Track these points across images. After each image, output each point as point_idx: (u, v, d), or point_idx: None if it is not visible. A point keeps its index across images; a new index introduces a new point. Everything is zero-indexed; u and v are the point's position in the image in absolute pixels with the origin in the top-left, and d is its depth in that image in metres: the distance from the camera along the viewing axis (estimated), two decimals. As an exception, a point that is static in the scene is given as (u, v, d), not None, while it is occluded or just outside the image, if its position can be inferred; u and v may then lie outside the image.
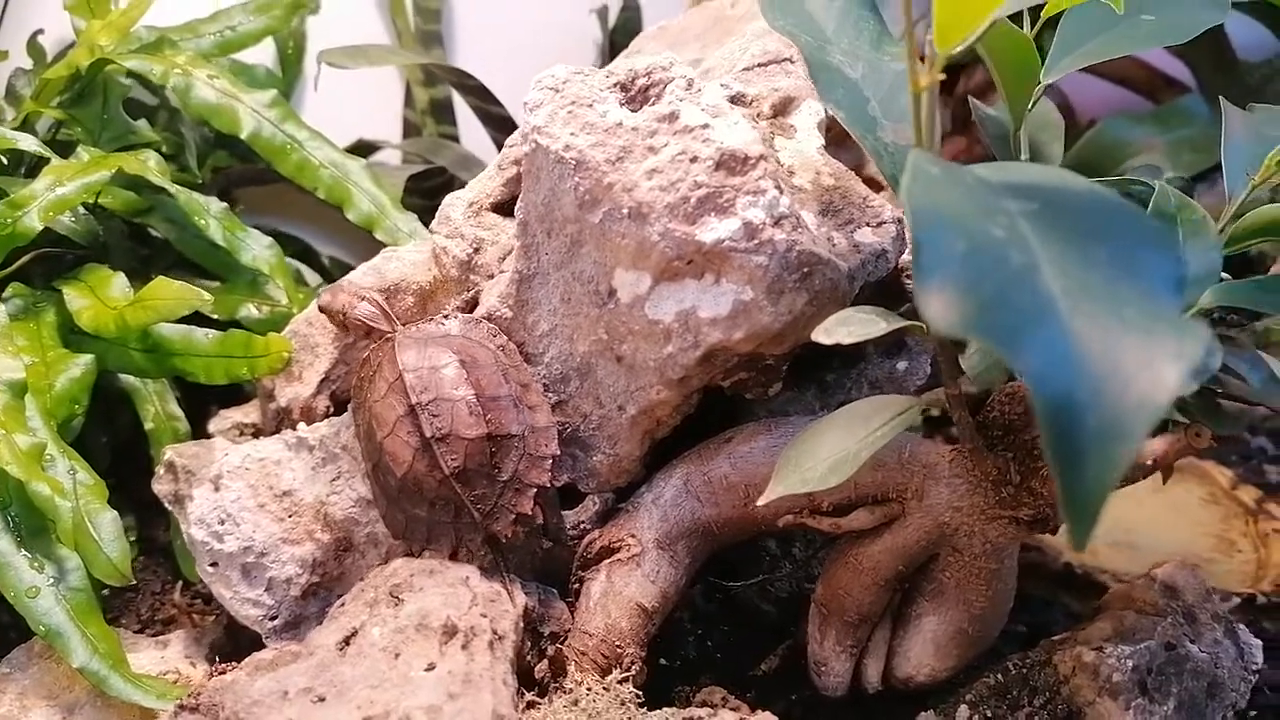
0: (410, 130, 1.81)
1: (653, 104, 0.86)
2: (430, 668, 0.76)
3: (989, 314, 0.44)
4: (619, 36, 1.88)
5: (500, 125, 1.64)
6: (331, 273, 1.59)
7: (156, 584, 1.20)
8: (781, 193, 0.82)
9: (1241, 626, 0.96)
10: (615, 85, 0.88)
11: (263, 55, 1.63)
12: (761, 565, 1.06)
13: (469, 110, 1.71)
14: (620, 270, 0.86)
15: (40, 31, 1.44)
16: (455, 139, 1.78)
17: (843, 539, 0.92)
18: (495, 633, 0.80)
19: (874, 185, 1.01)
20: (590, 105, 0.86)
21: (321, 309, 0.98)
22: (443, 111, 1.78)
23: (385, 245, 1.29)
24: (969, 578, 0.89)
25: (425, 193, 1.63)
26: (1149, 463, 0.78)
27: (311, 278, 1.60)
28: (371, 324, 0.95)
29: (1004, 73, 0.89)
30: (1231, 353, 0.69)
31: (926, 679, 0.93)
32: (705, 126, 0.83)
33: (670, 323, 0.86)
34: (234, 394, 1.28)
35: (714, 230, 0.82)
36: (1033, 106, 0.95)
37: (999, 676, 0.91)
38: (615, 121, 0.85)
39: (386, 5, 1.76)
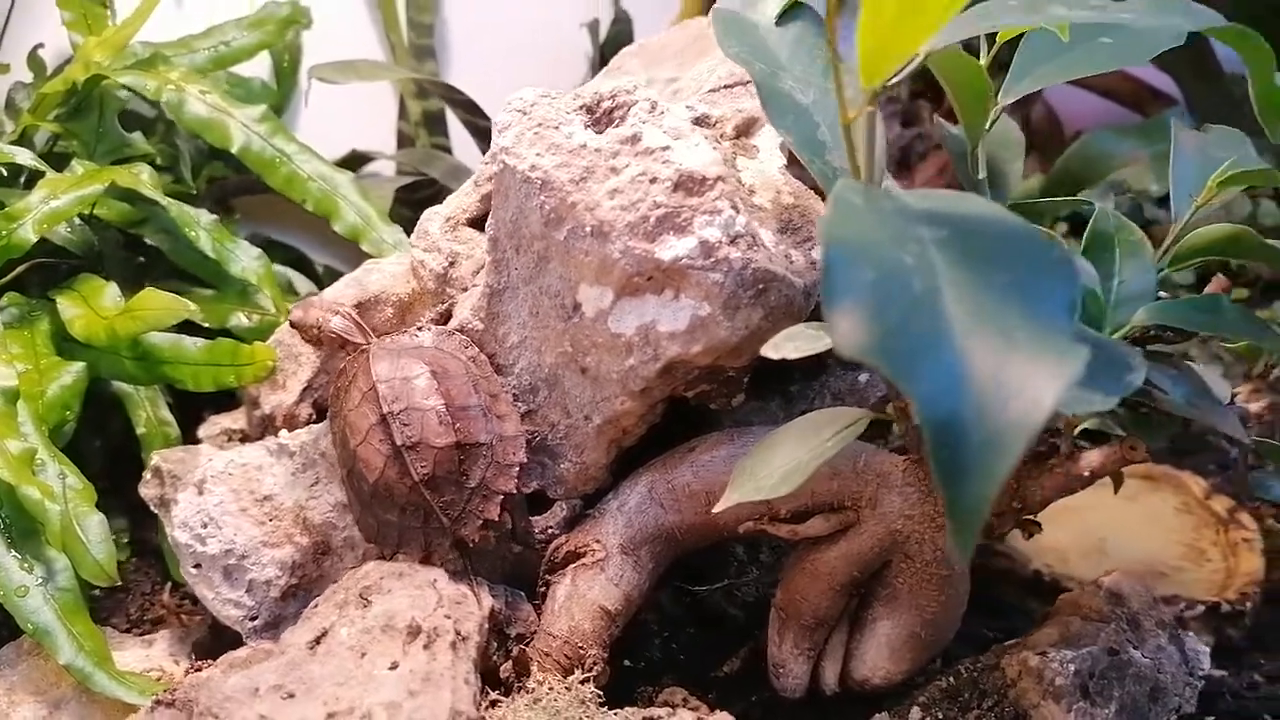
0: (404, 141, 1.85)
1: (616, 126, 0.90)
2: (393, 666, 0.79)
3: (890, 339, 0.47)
4: (609, 50, 1.92)
5: (489, 138, 1.68)
6: (325, 281, 1.62)
7: (147, 585, 1.23)
8: (738, 212, 0.86)
9: (1190, 634, 0.99)
10: (581, 108, 0.91)
11: (259, 68, 1.67)
12: (729, 570, 1.10)
13: (461, 122, 1.75)
14: (584, 285, 0.90)
15: (40, 46, 1.48)
16: (447, 150, 1.82)
17: (801, 545, 0.96)
18: (459, 633, 0.83)
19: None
20: (556, 127, 0.89)
21: (293, 324, 1.02)
22: (435, 123, 1.82)
23: (376, 254, 1.33)
24: (921, 583, 0.92)
25: (416, 204, 1.66)
26: (1086, 474, 0.81)
27: (306, 285, 1.63)
28: (346, 336, 0.99)
29: (958, 96, 0.92)
30: (1157, 369, 0.72)
31: (882, 681, 0.96)
32: (665, 148, 0.87)
33: (631, 336, 0.90)
34: (228, 399, 1.32)
35: (672, 248, 0.85)
36: (991, 126, 0.98)
37: (951, 679, 0.94)
38: (580, 143, 0.88)
39: (380, 19, 1.80)
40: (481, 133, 1.70)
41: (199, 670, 0.86)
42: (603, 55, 1.94)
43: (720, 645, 1.06)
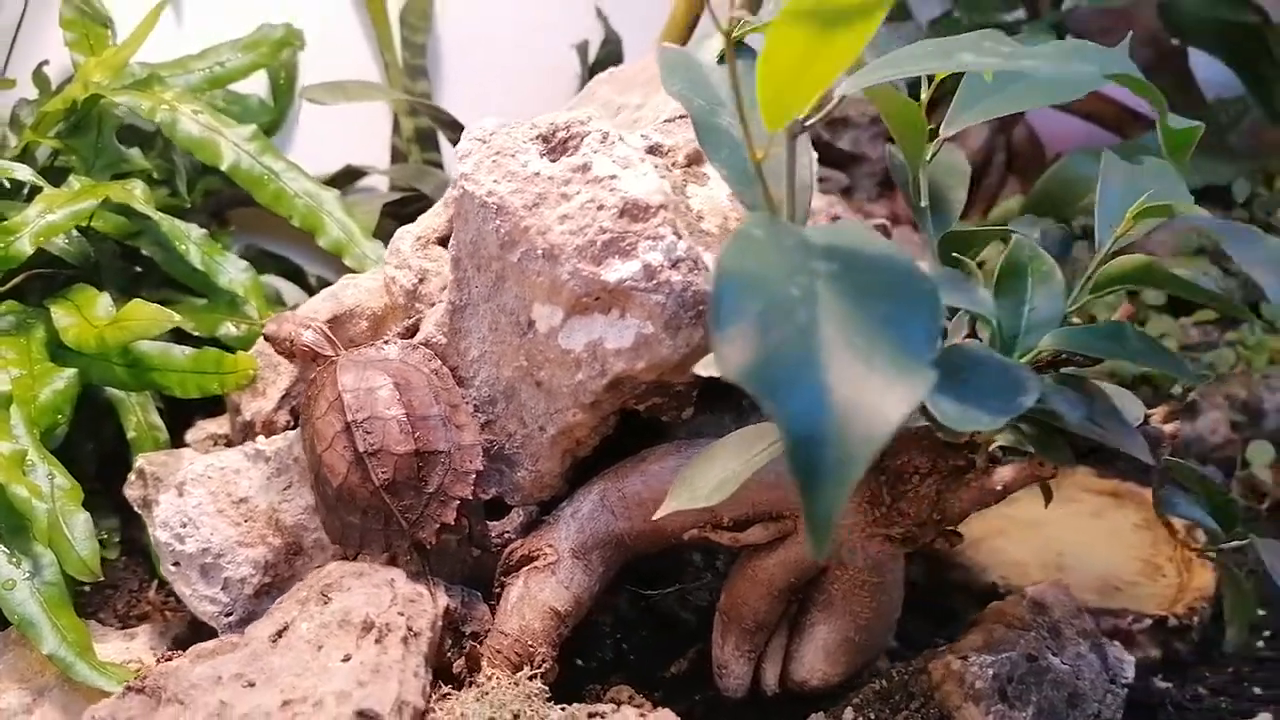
0: (397, 156, 1.91)
1: (569, 155, 0.96)
2: (346, 659, 0.85)
3: (766, 365, 0.53)
4: (599, 70, 1.97)
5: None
6: (317, 290, 1.68)
7: (134, 582, 1.29)
8: (680, 238, 0.91)
9: (1116, 644, 1.04)
10: (537, 137, 0.97)
11: (256, 85, 1.73)
12: (684, 575, 1.15)
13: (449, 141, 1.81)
14: (537, 304, 0.96)
15: (45, 62, 1.55)
16: (439, 166, 1.88)
17: (743, 552, 1.01)
18: (410, 630, 0.89)
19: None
20: (513, 155, 0.95)
21: (267, 338, 1.08)
22: (427, 140, 1.88)
23: (359, 268, 1.39)
24: (854, 590, 0.98)
25: (407, 218, 1.71)
26: (999, 488, 0.86)
27: (297, 295, 1.69)
28: (317, 349, 1.05)
29: (897, 130, 0.98)
30: (1057, 391, 0.77)
31: (820, 683, 1.02)
32: (613, 177, 0.92)
33: (580, 352, 0.96)
34: (219, 405, 1.38)
35: (617, 271, 0.91)
36: (933, 156, 1.03)
37: (883, 682, 0.99)
38: (534, 171, 0.94)
39: (375, 38, 1.86)
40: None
41: (169, 660, 0.91)
42: (592, 75, 1.99)
43: (670, 647, 1.11)
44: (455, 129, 1.73)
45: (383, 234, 1.47)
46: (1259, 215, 1.96)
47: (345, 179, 1.86)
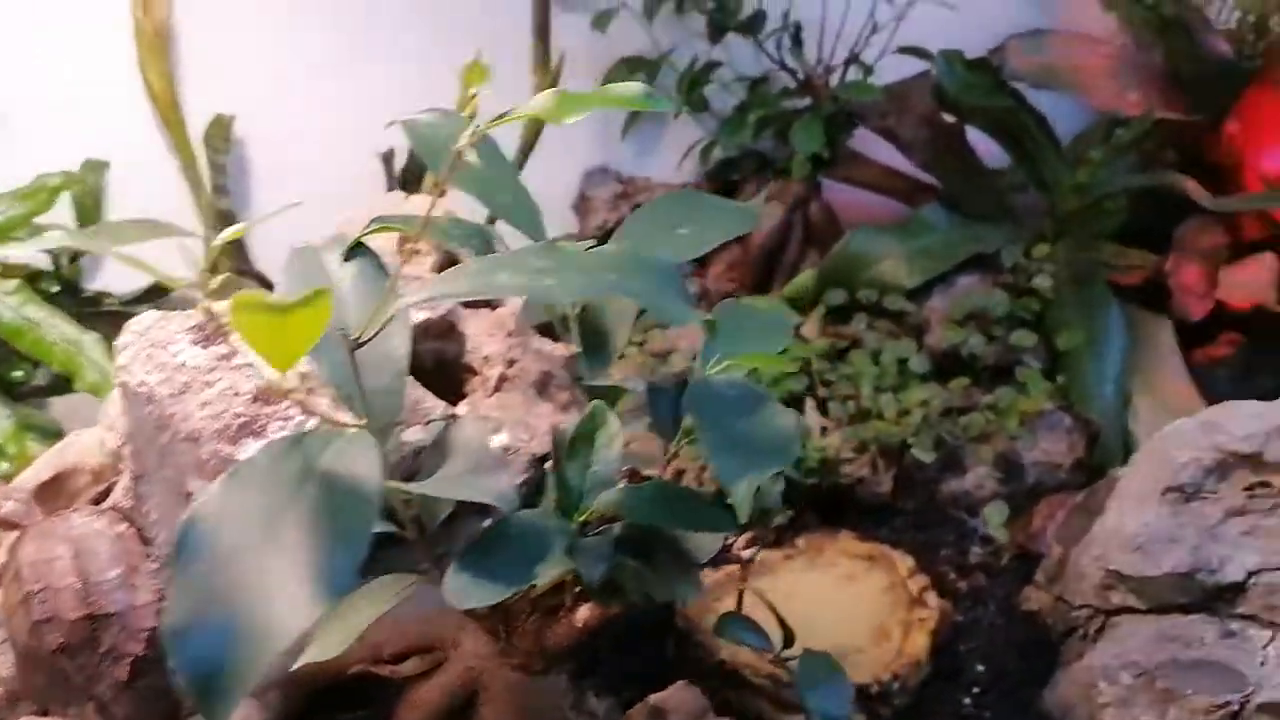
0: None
1: (217, 344, 1.08)
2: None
3: (190, 616, 0.64)
4: (408, 177, 2.09)
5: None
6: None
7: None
8: (309, 417, 1.03)
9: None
10: (192, 328, 1.09)
11: (61, 212, 1.82)
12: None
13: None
14: (190, 477, 1.07)
15: None
16: (251, 275, 1.99)
17: (406, 682, 1.13)
18: (70, 779, 1.00)
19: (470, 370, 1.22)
20: (165, 347, 1.07)
21: (-28, 509, 1.19)
22: (239, 251, 1.99)
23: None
24: (499, 710, 1.10)
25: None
26: (581, 625, 0.97)
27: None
28: (15, 520, 1.16)
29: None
30: (583, 552, 0.89)
31: (485, 791, 1.13)
32: (250, 364, 1.04)
33: (230, 518, 1.07)
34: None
35: (249, 450, 1.03)
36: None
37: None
38: (181, 361, 1.06)
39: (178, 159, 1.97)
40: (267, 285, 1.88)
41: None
42: (401, 183, 2.10)
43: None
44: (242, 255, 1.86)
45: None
46: (1021, 281, 2.09)
47: (154, 295, 1.96)
